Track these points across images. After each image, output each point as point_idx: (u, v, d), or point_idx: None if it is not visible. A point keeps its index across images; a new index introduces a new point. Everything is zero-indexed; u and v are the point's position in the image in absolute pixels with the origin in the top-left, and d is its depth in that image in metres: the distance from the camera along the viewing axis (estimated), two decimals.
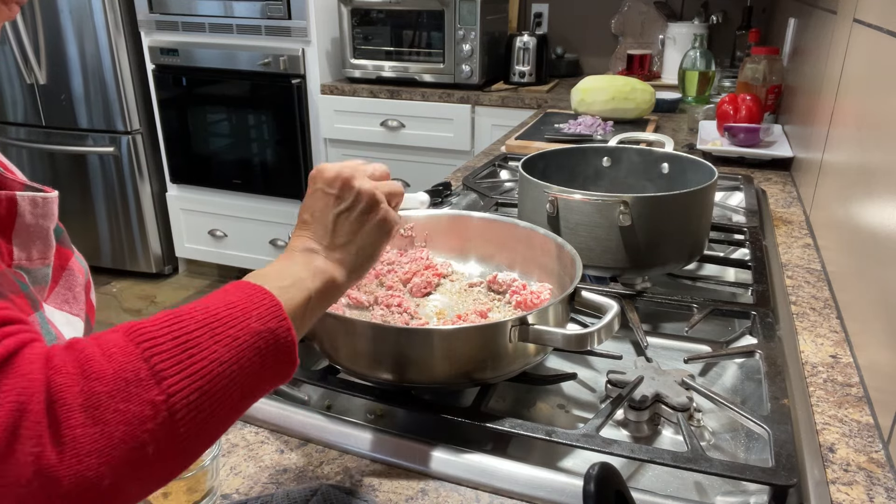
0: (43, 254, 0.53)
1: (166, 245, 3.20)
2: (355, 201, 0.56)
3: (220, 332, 0.42)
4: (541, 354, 0.73)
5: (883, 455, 0.66)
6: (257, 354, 0.43)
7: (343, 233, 0.56)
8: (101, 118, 2.91)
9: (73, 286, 0.57)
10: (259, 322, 0.44)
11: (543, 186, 0.95)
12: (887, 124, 0.84)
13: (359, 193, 0.56)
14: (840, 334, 0.87)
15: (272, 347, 0.44)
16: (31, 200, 0.51)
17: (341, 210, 0.56)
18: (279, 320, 0.45)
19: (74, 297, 0.57)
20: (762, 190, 1.42)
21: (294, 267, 0.52)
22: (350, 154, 2.72)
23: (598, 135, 1.75)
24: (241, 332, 0.43)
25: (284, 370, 0.46)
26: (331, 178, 0.57)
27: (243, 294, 0.45)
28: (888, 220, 0.78)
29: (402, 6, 2.52)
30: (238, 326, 0.43)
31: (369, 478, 0.64)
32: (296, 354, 0.46)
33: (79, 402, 0.36)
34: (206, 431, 0.40)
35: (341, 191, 0.56)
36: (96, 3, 2.71)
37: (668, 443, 0.72)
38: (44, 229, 0.52)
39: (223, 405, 0.41)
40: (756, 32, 2.42)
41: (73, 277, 0.57)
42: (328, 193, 0.56)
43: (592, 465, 0.49)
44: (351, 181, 0.56)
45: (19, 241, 0.50)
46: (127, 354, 0.38)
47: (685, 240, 0.96)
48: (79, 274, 0.58)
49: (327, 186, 0.57)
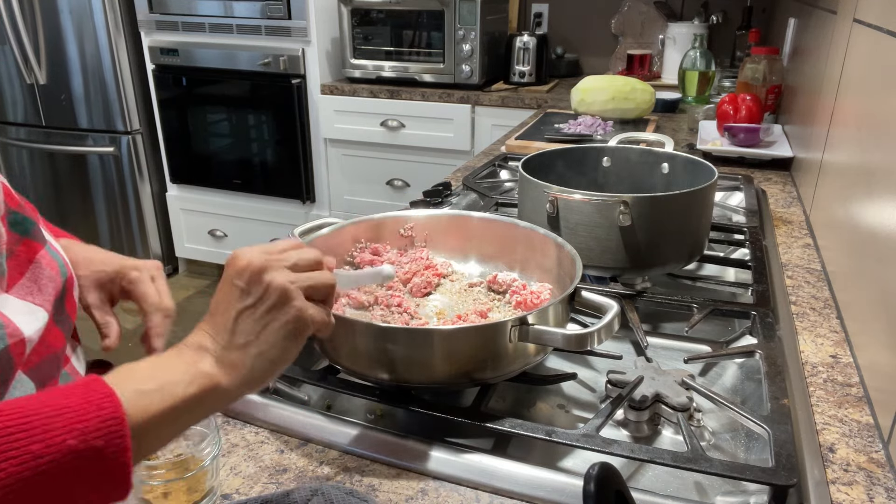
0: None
1: (166, 245, 3.20)
2: (262, 297, 0.49)
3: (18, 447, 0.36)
4: (541, 354, 0.73)
5: (883, 455, 0.66)
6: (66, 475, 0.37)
7: (243, 332, 0.48)
8: (101, 118, 2.91)
9: (39, 278, 0.54)
10: (79, 439, 0.37)
11: (543, 186, 0.95)
12: (887, 124, 0.84)
13: (267, 288, 0.49)
14: (840, 334, 0.87)
15: (92, 468, 0.38)
16: None
17: (245, 306, 0.49)
18: (112, 437, 0.39)
19: (39, 289, 0.54)
20: (762, 190, 1.42)
21: (171, 368, 0.46)
22: (350, 154, 2.72)
23: (598, 135, 1.75)
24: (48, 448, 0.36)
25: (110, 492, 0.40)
26: (241, 268, 0.50)
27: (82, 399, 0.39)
28: (888, 220, 0.78)
29: (402, 6, 2.52)
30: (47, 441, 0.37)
31: (369, 478, 0.64)
32: (128, 477, 0.40)
33: None
34: None
35: (248, 284, 0.49)
36: (96, 3, 2.71)
37: (668, 443, 0.72)
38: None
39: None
40: (756, 32, 2.42)
41: (40, 270, 0.54)
42: (235, 285, 0.50)
43: (592, 465, 0.49)
44: (261, 273, 0.49)
45: None
46: None
47: (685, 240, 0.96)
48: (48, 267, 0.55)
49: (236, 277, 0.50)
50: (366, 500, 0.58)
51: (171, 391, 0.44)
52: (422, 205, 1.22)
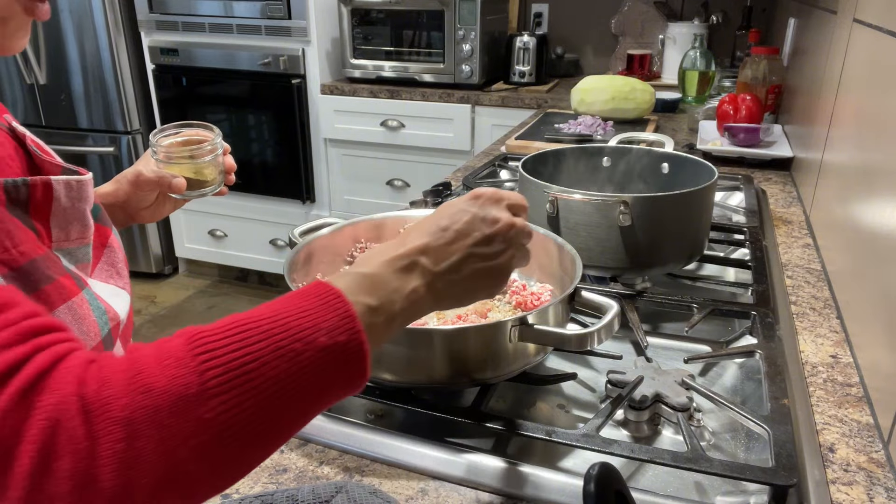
0: (81, 234, 0.55)
1: (166, 245, 3.20)
2: (496, 256, 0.53)
3: (284, 346, 0.39)
4: (541, 354, 0.73)
5: (883, 455, 0.66)
6: (321, 371, 0.41)
7: (458, 268, 0.51)
8: (101, 118, 2.91)
9: (116, 262, 0.59)
10: (328, 336, 0.41)
11: (543, 186, 0.95)
12: (887, 124, 0.84)
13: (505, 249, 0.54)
14: (840, 334, 0.87)
15: (339, 363, 0.42)
16: (65, 184, 0.52)
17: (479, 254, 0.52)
18: (351, 333, 0.42)
19: (118, 272, 0.59)
20: (762, 190, 1.42)
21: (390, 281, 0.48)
22: (350, 154, 2.73)
23: (598, 135, 1.75)
24: (307, 346, 0.40)
25: (352, 384, 0.43)
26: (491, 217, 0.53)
27: (319, 300, 0.43)
28: (888, 220, 0.78)
29: (402, 6, 2.52)
30: (304, 340, 0.40)
31: (369, 478, 0.64)
32: (366, 368, 0.43)
33: (122, 415, 0.35)
34: (256, 449, 0.39)
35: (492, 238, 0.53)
36: (96, 3, 2.71)
37: (668, 443, 0.72)
38: (80, 211, 0.54)
39: (277, 423, 0.39)
40: (756, 32, 2.42)
41: (115, 253, 0.59)
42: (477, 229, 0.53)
43: (592, 465, 0.49)
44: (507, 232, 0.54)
45: (57, 223, 0.52)
46: (181, 367, 0.37)
47: (685, 240, 0.96)
48: (118, 250, 0.60)
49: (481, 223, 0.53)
50: (388, 501, 0.58)
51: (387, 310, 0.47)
52: (422, 205, 1.22)
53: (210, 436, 0.36)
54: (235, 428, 0.37)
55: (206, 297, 3.10)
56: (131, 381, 0.36)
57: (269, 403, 0.38)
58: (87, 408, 0.35)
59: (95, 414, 0.35)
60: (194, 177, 0.76)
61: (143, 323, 2.86)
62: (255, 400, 0.38)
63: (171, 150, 0.75)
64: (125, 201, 0.76)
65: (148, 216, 0.80)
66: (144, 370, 0.37)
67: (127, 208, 0.77)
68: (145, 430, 0.35)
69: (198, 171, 0.76)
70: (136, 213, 0.79)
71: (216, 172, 0.78)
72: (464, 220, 0.53)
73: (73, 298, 0.50)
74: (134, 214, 0.79)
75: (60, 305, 0.49)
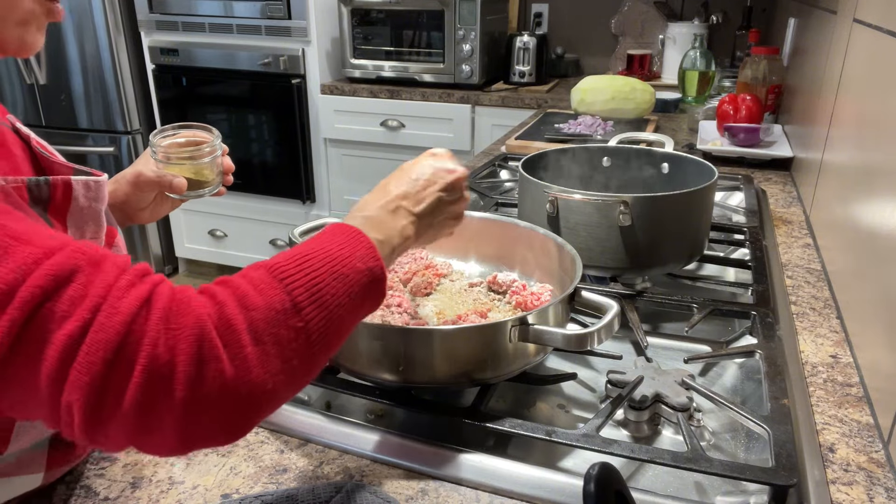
0: (95, 234, 0.57)
1: (166, 245, 3.20)
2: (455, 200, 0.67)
3: (337, 271, 0.51)
4: (541, 354, 0.73)
5: (883, 455, 0.66)
6: (361, 289, 0.52)
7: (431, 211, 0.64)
8: (101, 118, 2.91)
9: None
10: (362, 262, 0.53)
11: (543, 186, 0.95)
12: (887, 124, 0.84)
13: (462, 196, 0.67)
14: (840, 334, 0.87)
15: (372, 283, 0.53)
16: (84, 184, 0.55)
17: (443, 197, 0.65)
18: (375, 260, 0.54)
19: None
20: (762, 190, 1.42)
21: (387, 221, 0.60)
22: (350, 154, 2.73)
23: (598, 135, 1.75)
24: (351, 270, 0.52)
25: (378, 299, 0.55)
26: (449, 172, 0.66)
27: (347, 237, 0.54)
28: (888, 220, 0.78)
29: (402, 6, 2.52)
30: (348, 266, 0.52)
31: (369, 478, 0.64)
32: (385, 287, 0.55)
33: (244, 327, 0.45)
34: (330, 348, 0.50)
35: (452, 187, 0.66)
36: (96, 3, 2.71)
37: (668, 443, 0.72)
38: (96, 211, 0.56)
39: (340, 327, 0.51)
40: (756, 32, 2.42)
41: (120, 252, 0.61)
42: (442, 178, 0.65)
43: (592, 465, 0.49)
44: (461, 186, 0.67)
45: (73, 222, 0.54)
46: (273, 289, 0.47)
47: (685, 240, 0.96)
48: (123, 248, 0.63)
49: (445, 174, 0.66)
50: (389, 501, 0.59)
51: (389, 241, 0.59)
52: None
53: (304, 339, 0.47)
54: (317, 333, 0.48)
55: None
56: (241, 303, 0.46)
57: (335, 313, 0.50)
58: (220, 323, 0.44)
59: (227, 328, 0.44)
60: (193, 177, 0.77)
61: None
62: (327, 310, 0.49)
63: (170, 151, 0.75)
64: (124, 202, 0.77)
65: (146, 216, 0.81)
66: (248, 294, 0.46)
67: (125, 209, 0.77)
68: (262, 338, 0.45)
69: (197, 171, 0.77)
70: (135, 213, 0.79)
71: (215, 173, 0.79)
72: (429, 172, 0.65)
73: None
74: (132, 215, 0.79)
75: None
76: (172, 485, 0.63)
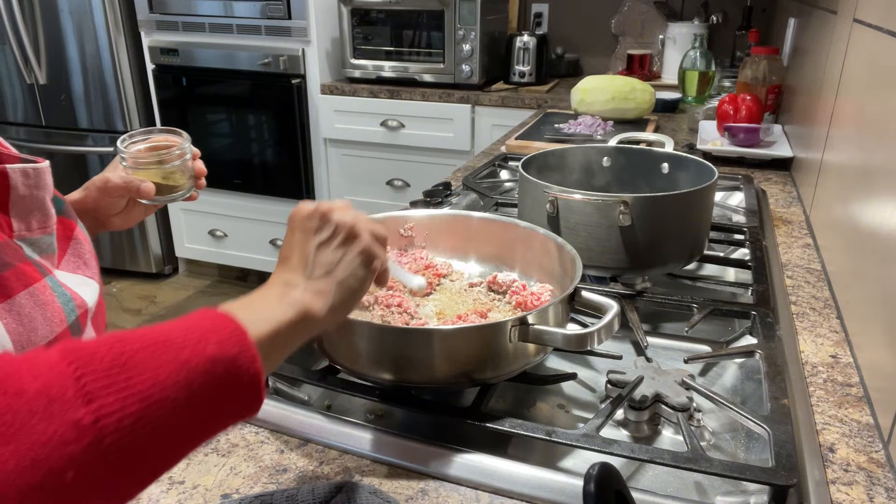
0: (42, 223, 0.55)
1: (166, 245, 3.20)
2: (335, 232, 0.55)
3: (168, 354, 0.38)
4: (541, 354, 0.73)
5: (883, 455, 0.66)
6: (212, 382, 0.39)
7: (323, 263, 0.53)
8: (101, 118, 2.91)
9: (83, 253, 0.59)
10: (217, 346, 0.40)
11: (543, 186, 0.95)
12: (887, 124, 0.84)
13: (337, 225, 0.55)
14: (840, 334, 0.87)
15: (232, 376, 0.40)
16: (22, 172, 0.52)
17: (321, 241, 0.54)
18: (242, 347, 0.41)
19: (85, 263, 0.59)
20: (762, 190, 1.42)
21: (266, 298, 0.50)
22: (350, 154, 2.73)
23: (598, 135, 1.75)
24: (194, 355, 0.38)
25: (247, 404, 0.41)
26: (308, 213, 0.56)
27: (205, 319, 0.42)
28: (888, 220, 0.78)
29: (402, 6, 2.52)
30: (191, 349, 0.39)
31: (369, 478, 0.64)
32: (261, 388, 0.42)
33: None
34: (145, 462, 0.36)
35: (320, 223, 0.55)
36: (96, 3, 2.71)
37: (668, 443, 0.72)
38: (39, 199, 0.54)
39: (166, 435, 0.37)
40: (756, 32, 2.42)
41: (81, 245, 0.60)
42: (306, 228, 0.55)
43: (592, 465, 0.49)
44: (329, 214, 0.55)
45: (17, 212, 0.53)
46: (55, 371, 0.35)
47: (685, 240, 0.96)
48: (85, 242, 0.60)
49: (306, 221, 0.55)
50: (388, 501, 0.59)
51: (272, 318, 0.47)
52: (422, 205, 1.22)
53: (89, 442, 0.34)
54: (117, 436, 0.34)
55: (206, 297, 3.10)
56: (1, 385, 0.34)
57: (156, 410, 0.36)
58: None
59: None
60: (163, 182, 0.76)
61: (143, 323, 2.85)
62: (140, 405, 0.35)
63: (138, 156, 0.75)
64: (95, 208, 0.76)
65: (119, 223, 0.79)
66: (14, 375, 0.35)
67: (97, 215, 0.77)
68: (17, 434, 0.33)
69: (166, 176, 0.76)
70: (107, 219, 0.78)
71: (185, 178, 0.78)
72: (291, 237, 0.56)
73: (35, 285, 0.50)
74: (105, 221, 0.78)
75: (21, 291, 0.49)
76: (172, 485, 0.63)
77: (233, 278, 3.23)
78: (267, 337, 0.45)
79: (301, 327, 0.49)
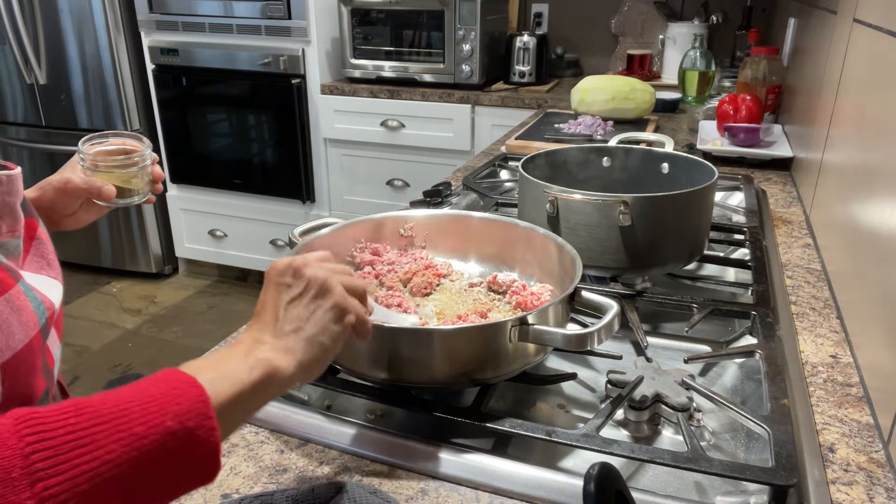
0: (12, 227, 0.54)
1: (166, 245, 3.20)
2: (306, 287, 0.54)
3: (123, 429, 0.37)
4: (541, 354, 0.73)
5: (883, 455, 0.66)
6: (168, 455, 0.39)
7: (292, 319, 0.52)
8: (101, 118, 2.91)
9: (45, 253, 0.59)
10: (175, 420, 0.39)
11: (543, 186, 0.95)
12: (887, 124, 0.84)
13: (309, 280, 0.54)
14: (840, 334, 0.87)
15: (188, 449, 0.40)
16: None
17: (292, 297, 0.53)
18: (201, 419, 0.41)
19: (49, 263, 0.59)
20: (762, 190, 1.42)
21: (232, 358, 0.48)
22: (350, 154, 2.73)
23: (598, 135, 1.75)
24: (150, 430, 0.38)
25: (202, 474, 0.42)
26: (282, 269, 0.55)
27: (167, 386, 0.41)
28: (888, 220, 0.78)
29: (402, 6, 2.52)
30: (148, 423, 0.38)
31: (369, 478, 0.64)
32: (218, 458, 0.42)
33: None
34: None
35: (293, 278, 0.54)
36: (96, 3, 2.71)
37: (668, 443, 0.72)
38: (10, 205, 0.54)
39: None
40: (756, 32, 2.42)
41: (44, 245, 0.59)
42: (279, 284, 0.54)
43: (592, 465, 0.49)
44: (301, 269, 0.54)
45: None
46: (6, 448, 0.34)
47: (685, 240, 0.96)
48: (47, 242, 0.59)
49: (279, 276, 0.55)
50: (388, 501, 0.58)
51: (237, 378, 0.46)
52: (422, 205, 1.22)
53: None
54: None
55: (206, 297, 3.10)
56: None
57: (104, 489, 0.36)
58: None
59: None
60: (122, 185, 0.77)
61: (143, 323, 2.86)
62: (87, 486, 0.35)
63: (98, 159, 0.76)
64: (49, 207, 0.76)
65: (71, 223, 0.79)
66: None
67: (51, 214, 0.76)
68: None
69: (125, 180, 0.77)
70: (60, 219, 0.78)
71: (144, 182, 0.80)
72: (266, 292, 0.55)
73: (11, 291, 0.50)
74: (58, 221, 0.78)
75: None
76: None
77: (233, 278, 3.23)
78: (229, 400, 0.44)
79: (266, 386, 0.48)
